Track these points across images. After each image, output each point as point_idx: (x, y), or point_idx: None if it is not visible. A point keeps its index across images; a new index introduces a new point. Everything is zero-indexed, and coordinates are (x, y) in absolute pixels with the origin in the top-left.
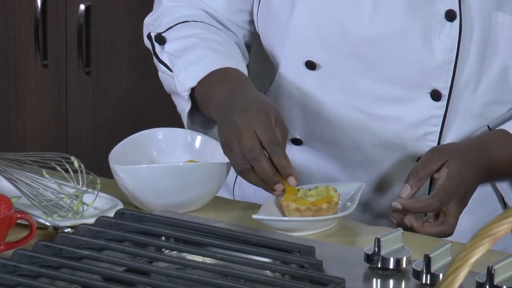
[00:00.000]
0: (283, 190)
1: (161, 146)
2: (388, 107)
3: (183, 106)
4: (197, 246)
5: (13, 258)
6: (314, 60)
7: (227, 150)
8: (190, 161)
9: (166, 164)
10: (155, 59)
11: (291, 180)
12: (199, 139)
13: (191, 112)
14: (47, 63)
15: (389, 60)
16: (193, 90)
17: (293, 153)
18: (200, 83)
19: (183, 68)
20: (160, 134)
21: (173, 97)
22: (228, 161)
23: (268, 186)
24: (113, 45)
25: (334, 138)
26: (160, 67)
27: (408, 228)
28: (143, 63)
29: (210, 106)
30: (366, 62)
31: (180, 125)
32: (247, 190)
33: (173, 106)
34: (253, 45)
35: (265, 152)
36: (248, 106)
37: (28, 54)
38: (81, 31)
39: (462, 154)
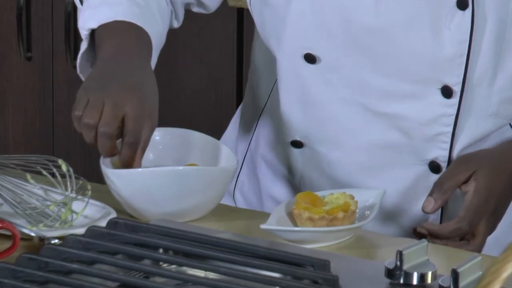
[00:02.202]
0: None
1: (158, 148)
2: (396, 104)
3: (82, 45)
4: (199, 259)
5: None
6: (313, 53)
7: (82, 98)
8: (191, 164)
9: (164, 168)
10: None
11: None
12: (201, 140)
13: (88, 51)
14: (31, 55)
15: (396, 51)
16: (94, 30)
17: (294, 156)
18: (101, 27)
19: (92, 7)
20: (157, 134)
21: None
22: (234, 164)
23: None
24: None
25: (337, 139)
26: (75, 1)
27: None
28: None
29: (98, 52)
30: (371, 54)
31: (180, 124)
32: (250, 195)
33: (171, 104)
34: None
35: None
36: (130, 82)
37: (10, 46)
38: (69, 19)
39: (491, 163)
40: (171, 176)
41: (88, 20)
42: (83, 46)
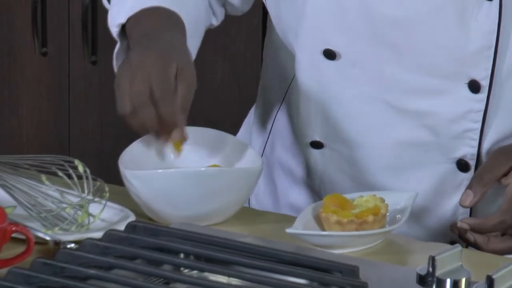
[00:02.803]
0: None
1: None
2: (421, 101)
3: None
4: (221, 264)
5: (7, 278)
6: (333, 48)
7: (116, 88)
8: (214, 165)
9: (186, 170)
10: None
11: (175, 133)
12: (224, 140)
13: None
14: (46, 50)
15: (420, 45)
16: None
17: (313, 158)
18: (129, 19)
19: (119, 2)
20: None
21: None
22: (259, 165)
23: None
24: None
25: (359, 139)
26: (104, 2)
27: (471, 244)
28: None
29: (130, 42)
30: (394, 48)
31: (203, 123)
32: (266, 201)
33: (194, 101)
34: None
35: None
36: (152, 48)
37: (25, 40)
38: (86, 13)
39: None
40: (192, 178)
41: (116, 16)
42: (117, 45)
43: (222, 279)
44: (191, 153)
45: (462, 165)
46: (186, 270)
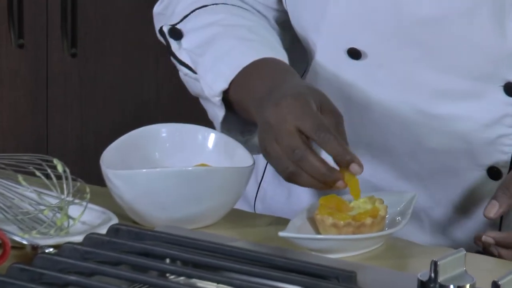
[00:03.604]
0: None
1: (165, 146)
2: (452, 104)
3: (216, 112)
4: (210, 270)
5: None
6: (358, 47)
7: (266, 156)
8: (202, 164)
9: (172, 169)
10: (173, 59)
11: (354, 167)
12: (212, 137)
13: (226, 117)
14: (23, 42)
15: (453, 45)
16: (225, 91)
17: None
18: (232, 83)
19: (209, 68)
20: (163, 131)
21: (202, 101)
22: (250, 164)
23: (326, 185)
24: (106, 20)
25: (384, 144)
26: (181, 68)
27: (494, 256)
28: (142, 43)
29: (249, 106)
30: (424, 48)
31: (188, 120)
32: (274, 205)
33: (179, 97)
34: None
35: (310, 146)
36: (282, 97)
37: (0, 31)
38: (65, 2)
39: None
40: (179, 178)
41: (214, 84)
42: (221, 112)
43: (211, 286)
44: (178, 151)
45: (493, 173)
46: (172, 277)
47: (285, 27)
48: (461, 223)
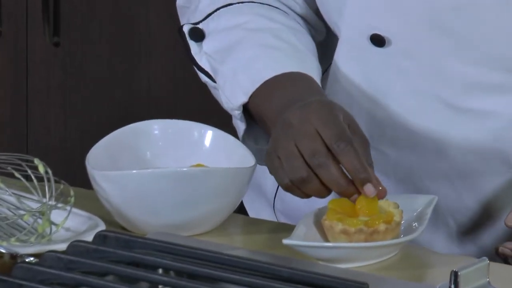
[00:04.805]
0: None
1: (158, 144)
2: (483, 99)
3: (237, 125)
4: (207, 281)
5: None
6: (383, 34)
7: (272, 159)
8: (198, 165)
9: (165, 170)
10: (193, 65)
11: (369, 188)
12: (210, 134)
13: (251, 128)
14: (0, 30)
15: (486, 34)
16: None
17: None
18: (252, 96)
19: (229, 78)
20: (156, 128)
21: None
22: (252, 165)
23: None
24: (92, 6)
25: (409, 140)
26: (201, 75)
27: None
28: (132, 31)
29: (267, 118)
30: (455, 36)
31: (183, 116)
32: (294, 204)
33: (173, 90)
34: None
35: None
36: (308, 103)
37: None
38: None
39: None
40: (173, 179)
41: (232, 97)
42: (242, 125)
43: None
44: (172, 150)
45: None
46: None
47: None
48: (491, 229)
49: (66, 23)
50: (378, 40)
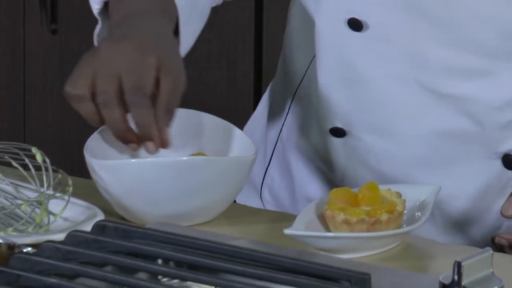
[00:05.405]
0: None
1: None
2: (461, 83)
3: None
4: (207, 272)
5: None
6: (360, 18)
7: (77, 79)
8: (198, 154)
9: (164, 159)
10: None
11: (148, 146)
12: (210, 123)
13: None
14: None
15: (464, 17)
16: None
17: (334, 147)
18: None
19: None
20: None
21: None
22: (252, 153)
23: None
24: None
25: (388, 126)
26: None
27: None
28: None
29: (110, 25)
30: (433, 20)
31: (182, 104)
32: (281, 195)
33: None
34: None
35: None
36: (129, 36)
37: None
38: None
39: None
40: (172, 169)
41: None
42: (98, 25)
43: None
44: (171, 138)
45: (508, 162)
46: (165, 279)
47: None
48: (478, 219)
49: (63, 11)
50: (355, 25)
